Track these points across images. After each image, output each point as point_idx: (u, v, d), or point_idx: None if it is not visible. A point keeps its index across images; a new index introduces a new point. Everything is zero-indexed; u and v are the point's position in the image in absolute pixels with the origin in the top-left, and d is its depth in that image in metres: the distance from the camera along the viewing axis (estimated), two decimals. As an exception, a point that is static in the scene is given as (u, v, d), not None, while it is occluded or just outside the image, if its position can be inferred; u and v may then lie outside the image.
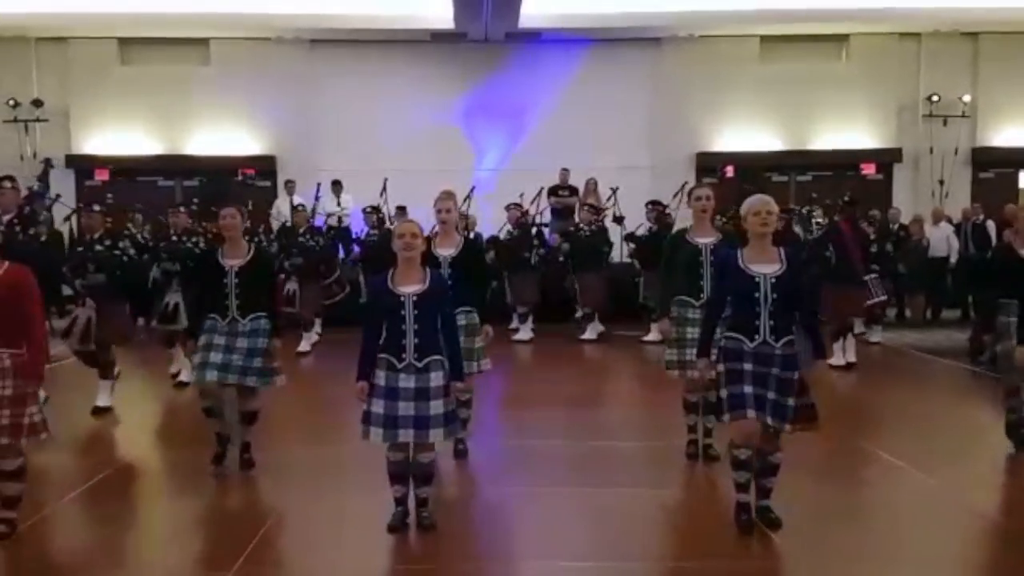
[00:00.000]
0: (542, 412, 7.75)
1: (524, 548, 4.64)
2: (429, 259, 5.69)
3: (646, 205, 12.11)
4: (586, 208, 12.39)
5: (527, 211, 12.49)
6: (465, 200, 12.50)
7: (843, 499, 5.38)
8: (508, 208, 12.35)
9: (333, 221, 13.82)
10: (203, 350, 5.62)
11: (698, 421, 5.89)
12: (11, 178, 7.10)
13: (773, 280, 4.44)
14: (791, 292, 4.49)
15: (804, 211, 11.72)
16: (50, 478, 5.74)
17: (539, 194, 13.00)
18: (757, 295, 4.44)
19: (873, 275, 9.95)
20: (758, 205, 4.52)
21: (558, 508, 5.16)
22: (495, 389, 8.34)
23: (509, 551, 4.62)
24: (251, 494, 5.59)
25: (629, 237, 12.46)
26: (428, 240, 5.95)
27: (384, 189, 12.65)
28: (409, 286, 4.54)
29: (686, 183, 12.69)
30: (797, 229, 11.35)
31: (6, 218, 6.88)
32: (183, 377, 8.44)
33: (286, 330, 6.06)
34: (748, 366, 4.46)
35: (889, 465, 5.91)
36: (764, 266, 4.49)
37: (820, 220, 10.03)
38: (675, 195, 12.47)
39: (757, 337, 4.46)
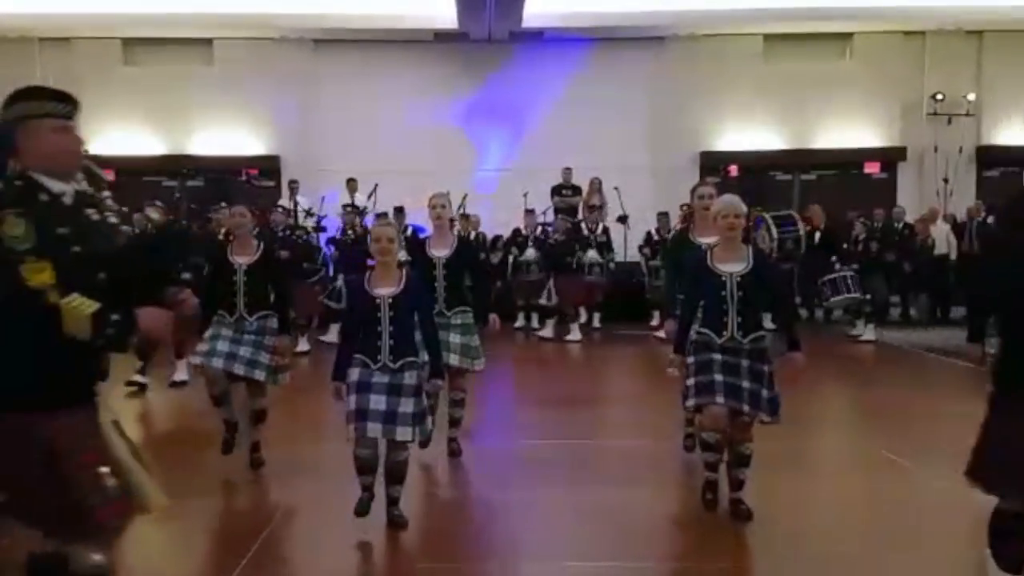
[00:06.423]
0: (540, 412, 7.74)
1: (525, 548, 4.63)
2: (424, 260, 5.73)
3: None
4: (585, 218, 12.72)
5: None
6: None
7: (849, 499, 5.36)
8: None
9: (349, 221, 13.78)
10: (210, 340, 5.71)
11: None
12: None
13: (739, 279, 4.63)
14: (757, 290, 4.65)
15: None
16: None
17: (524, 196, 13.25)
18: (724, 293, 4.64)
19: (850, 272, 10.41)
20: (726, 209, 4.67)
21: (558, 508, 5.15)
22: (495, 388, 8.33)
23: (510, 551, 4.61)
24: (256, 492, 5.61)
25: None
26: (423, 242, 5.98)
27: (373, 192, 12.84)
28: (385, 288, 4.58)
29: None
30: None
31: None
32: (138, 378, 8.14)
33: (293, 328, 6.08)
34: (718, 356, 4.65)
35: (895, 465, 5.88)
36: (731, 265, 4.67)
37: None
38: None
39: (725, 333, 4.66)
